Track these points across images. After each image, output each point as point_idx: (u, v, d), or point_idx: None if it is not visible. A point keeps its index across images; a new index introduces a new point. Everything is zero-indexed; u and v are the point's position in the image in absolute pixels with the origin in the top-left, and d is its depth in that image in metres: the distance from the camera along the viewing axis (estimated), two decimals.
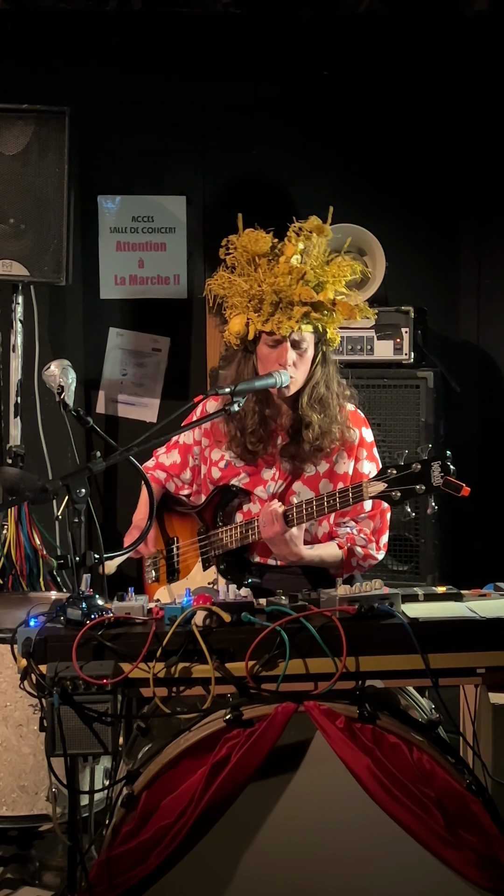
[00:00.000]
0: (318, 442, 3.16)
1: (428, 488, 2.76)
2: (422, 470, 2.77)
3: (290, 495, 3.22)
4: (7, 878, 3.37)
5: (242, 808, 2.40)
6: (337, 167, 4.62)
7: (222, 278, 3.19)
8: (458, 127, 4.64)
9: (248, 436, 3.20)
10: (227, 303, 3.18)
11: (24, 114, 4.10)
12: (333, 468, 3.23)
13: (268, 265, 3.12)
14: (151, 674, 2.46)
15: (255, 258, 3.13)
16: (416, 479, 2.78)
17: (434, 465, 2.76)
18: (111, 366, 4.75)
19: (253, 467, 3.26)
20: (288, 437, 3.22)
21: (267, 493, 3.24)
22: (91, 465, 2.63)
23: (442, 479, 2.74)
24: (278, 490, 3.24)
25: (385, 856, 2.43)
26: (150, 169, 4.70)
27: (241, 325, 3.13)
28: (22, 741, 3.24)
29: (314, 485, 3.22)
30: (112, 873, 2.39)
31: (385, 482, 2.83)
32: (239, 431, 3.21)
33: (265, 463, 3.26)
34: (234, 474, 3.29)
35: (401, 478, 2.81)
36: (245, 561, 3.29)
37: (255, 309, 3.11)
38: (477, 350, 4.69)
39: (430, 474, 2.75)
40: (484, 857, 2.35)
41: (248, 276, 3.14)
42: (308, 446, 3.16)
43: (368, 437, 3.28)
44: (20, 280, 4.19)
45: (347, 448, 3.23)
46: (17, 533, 4.17)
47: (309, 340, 3.14)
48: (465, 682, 2.69)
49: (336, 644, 2.46)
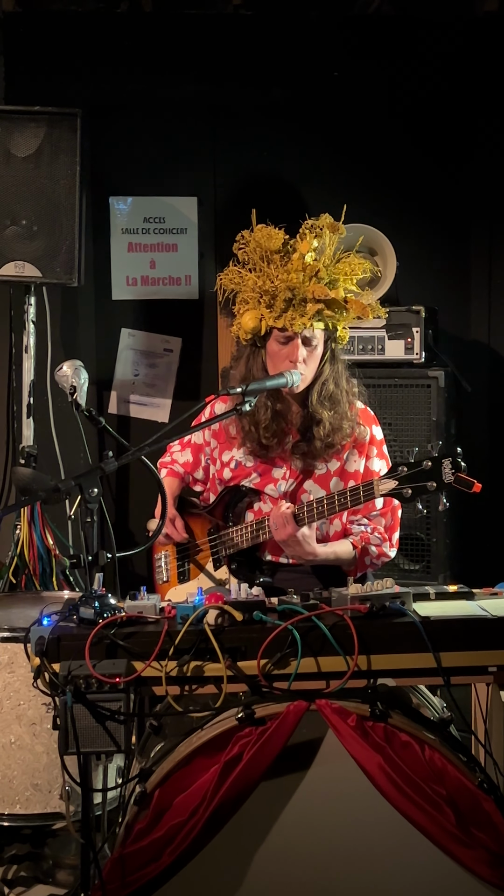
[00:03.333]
0: (330, 439, 3.16)
1: (439, 485, 2.77)
2: (433, 467, 2.77)
3: (302, 494, 3.22)
4: (21, 875, 3.39)
5: (254, 805, 2.41)
6: (347, 167, 4.62)
7: (233, 273, 3.19)
8: (468, 127, 4.63)
9: (261, 430, 3.20)
10: (239, 297, 3.19)
11: (36, 116, 4.11)
12: (344, 466, 3.23)
13: (280, 261, 3.12)
14: (164, 672, 2.47)
15: (268, 254, 3.13)
16: (427, 476, 2.78)
17: (445, 461, 2.76)
18: (123, 366, 4.76)
19: (264, 467, 3.27)
20: (299, 434, 3.22)
21: (278, 491, 3.25)
22: (103, 464, 2.64)
23: (453, 476, 2.74)
24: (290, 489, 3.24)
25: (397, 854, 2.43)
26: (161, 170, 4.71)
27: (255, 321, 3.13)
28: (35, 740, 3.26)
29: (325, 483, 3.23)
30: (125, 871, 2.40)
31: (396, 480, 2.84)
32: (253, 427, 3.21)
33: (276, 462, 3.27)
34: (244, 475, 3.29)
35: (412, 475, 2.81)
36: (256, 560, 3.30)
37: (268, 305, 3.11)
38: (488, 349, 4.68)
39: (441, 471, 2.76)
40: (496, 855, 2.36)
41: (260, 272, 3.14)
42: (319, 443, 3.16)
43: (379, 435, 3.29)
44: (32, 281, 4.21)
45: (358, 446, 3.23)
46: (30, 532, 4.19)
47: (319, 338, 3.15)
48: (477, 681, 2.69)
49: (348, 643, 2.47)
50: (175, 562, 3.47)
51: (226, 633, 2.50)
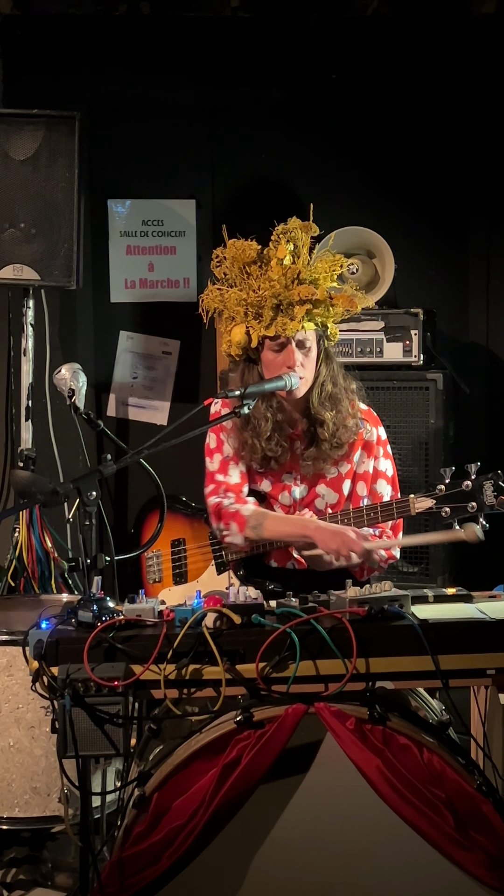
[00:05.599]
0: (336, 438, 3.14)
1: (479, 506, 2.71)
2: (473, 487, 2.72)
3: (315, 499, 3.21)
4: (20, 879, 3.39)
5: (253, 809, 2.41)
6: (345, 169, 4.63)
7: (214, 292, 3.17)
8: (466, 129, 4.64)
9: (264, 442, 3.15)
10: (224, 315, 3.17)
11: (34, 119, 4.12)
12: (355, 469, 3.23)
13: (260, 271, 3.11)
14: (162, 675, 2.47)
15: (246, 266, 3.12)
16: (466, 497, 2.72)
17: (487, 483, 2.70)
18: (122, 369, 4.77)
19: (275, 474, 3.24)
20: (306, 439, 3.21)
21: (292, 497, 3.23)
22: (102, 467, 2.64)
23: (496, 499, 2.69)
24: (303, 495, 3.23)
25: (395, 857, 2.43)
26: (159, 173, 4.72)
27: (242, 335, 3.12)
28: (34, 743, 3.26)
29: (338, 486, 3.22)
30: (124, 874, 2.39)
31: (433, 498, 2.80)
32: (255, 439, 3.17)
33: (286, 469, 3.25)
34: (256, 481, 3.27)
35: (450, 495, 2.75)
36: (265, 566, 3.28)
37: (255, 316, 3.10)
38: (486, 352, 4.69)
39: (482, 493, 2.70)
40: (494, 857, 2.35)
41: (242, 286, 3.13)
42: (326, 445, 3.15)
43: (384, 436, 3.29)
44: (31, 284, 4.21)
45: (367, 447, 3.23)
46: (29, 536, 4.19)
47: (312, 339, 3.14)
48: (476, 684, 2.69)
49: (346, 646, 2.46)
50: (170, 562, 3.46)
51: (224, 637, 2.50)
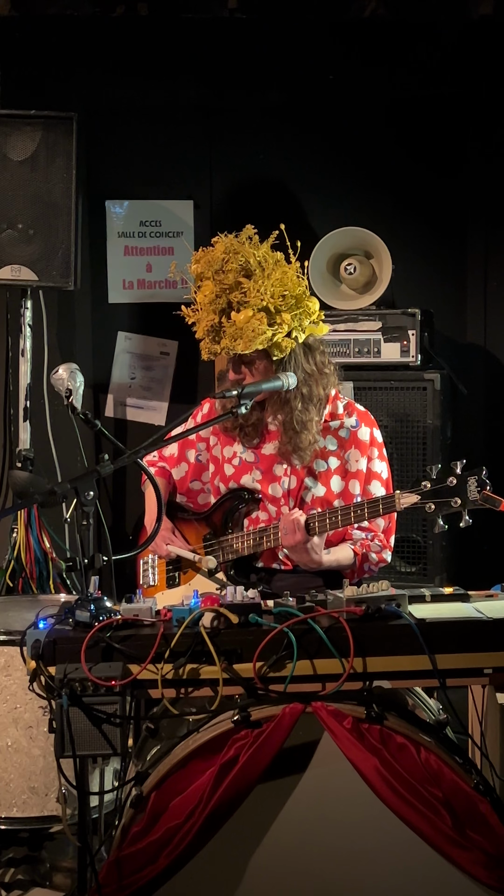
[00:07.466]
0: (302, 415, 3.13)
1: (464, 502, 2.74)
2: (457, 484, 2.74)
3: (304, 491, 3.22)
4: (18, 879, 3.39)
5: (251, 808, 2.41)
6: (343, 171, 4.63)
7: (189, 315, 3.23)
8: (464, 130, 4.64)
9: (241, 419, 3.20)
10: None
11: (32, 120, 4.12)
12: (346, 466, 3.23)
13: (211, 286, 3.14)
14: (160, 675, 2.47)
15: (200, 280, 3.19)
16: (451, 492, 2.74)
17: (470, 479, 2.73)
18: (120, 369, 4.77)
19: (266, 464, 3.25)
20: (281, 431, 3.22)
21: (282, 488, 3.24)
22: (99, 467, 2.65)
23: (479, 494, 2.72)
24: (292, 486, 3.24)
25: (393, 856, 2.44)
26: (157, 174, 4.72)
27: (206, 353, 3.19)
28: (32, 743, 3.26)
29: (326, 480, 3.22)
30: (122, 874, 2.40)
31: (418, 494, 2.81)
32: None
33: (276, 460, 3.26)
34: (246, 471, 3.29)
35: (434, 491, 2.78)
36: (252, 566, 3.29)
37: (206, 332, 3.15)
38: (484, 352, 4.69)
39: (466, 489, 2.73)
40: (492, 857, 2.36)
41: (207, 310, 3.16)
42: (298, 426, 3.14)
43: (379, 438, 3.29)
44: (29, 285, 4.21)
45: (359, 444, 3.23)
46: (27, 536, 4.19)
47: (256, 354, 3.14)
48: (473, 683, 2.70)
49: (343, 645, 2.47)
50: (164, 566, 3.46)
51: (222, 636, 2.51)
